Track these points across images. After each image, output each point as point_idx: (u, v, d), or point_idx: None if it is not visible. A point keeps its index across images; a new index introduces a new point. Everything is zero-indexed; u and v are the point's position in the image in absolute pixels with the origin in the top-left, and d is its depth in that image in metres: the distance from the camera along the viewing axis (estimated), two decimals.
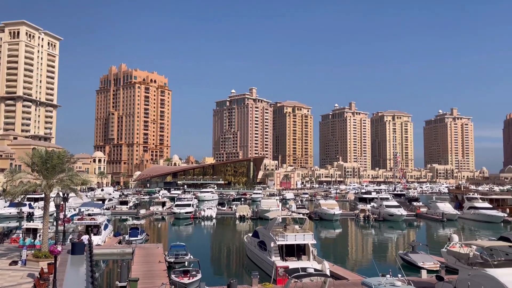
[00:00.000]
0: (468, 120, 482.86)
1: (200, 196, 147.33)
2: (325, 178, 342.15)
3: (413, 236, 68.89)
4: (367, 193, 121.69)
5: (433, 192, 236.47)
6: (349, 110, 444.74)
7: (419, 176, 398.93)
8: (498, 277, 24.36)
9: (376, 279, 25.34)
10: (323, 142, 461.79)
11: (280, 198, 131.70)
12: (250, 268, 38.48)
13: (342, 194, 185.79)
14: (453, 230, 69.37)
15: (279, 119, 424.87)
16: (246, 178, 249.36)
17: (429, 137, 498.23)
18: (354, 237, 70.24)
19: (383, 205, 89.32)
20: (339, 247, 58.57)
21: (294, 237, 36.07)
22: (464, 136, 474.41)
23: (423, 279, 32.85)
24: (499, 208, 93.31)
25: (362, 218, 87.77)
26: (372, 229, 76.95)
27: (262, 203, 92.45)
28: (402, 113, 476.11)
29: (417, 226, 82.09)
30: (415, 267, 38.41)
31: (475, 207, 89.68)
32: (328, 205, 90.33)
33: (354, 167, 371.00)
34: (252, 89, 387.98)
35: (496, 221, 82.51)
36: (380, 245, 59.73)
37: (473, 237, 62.80)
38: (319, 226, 78.13)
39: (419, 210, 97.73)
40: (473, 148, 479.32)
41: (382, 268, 33.61)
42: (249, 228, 72.42)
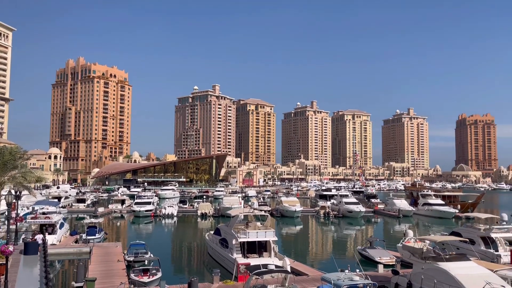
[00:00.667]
0: (423, 120, 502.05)
1: (161, 194, 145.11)
2: (287, 175, 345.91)
3: (371, 232, 70.94)
4: (327, 190, 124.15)
5: (390, 189, 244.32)
6: (311, 109, 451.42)
7: (377, 173, 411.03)
8: (450, 270, 25.52)
9: (335, 274, 25.91)
10: (285, 140, 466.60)
11: (242, 195, 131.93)
12: (211, 266, 38.34)
13: (303, 191, 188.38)
14: (408, 226, 72.01)
15: (242, 116, 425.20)
16: (208, 176, 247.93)
17: (387, 136, 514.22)
18: (315, 234, 71.47)
19: (342, 202, 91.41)
20: (300, 244, 59.40)
21: (256, 234, 36.24)
22: (420, 135, 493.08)
23: (380, 273, 33.90)
24: (451, 205, 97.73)
25: (323, 214, 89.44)
26: (332, 225, 78.55)
27: (224, 201, 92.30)
28: (361, 113, 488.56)
29: (375, 222, 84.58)
30: (373, 262, 39.55)
31: (429, 203, 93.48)
32: (290, 202, 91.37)
33: (315, 165, 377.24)
34: (215, 86, 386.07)
35: (448, 217, 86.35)
36: (340, 241, 61.10)
37: (427, 232, 65.46)
38: (280, 223, 78.90)
39: (377, 206, 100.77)
40: (427, 147, 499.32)
41: (341, 263, 34.37)
42: (211, 226, 72.11)
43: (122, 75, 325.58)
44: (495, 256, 38.97)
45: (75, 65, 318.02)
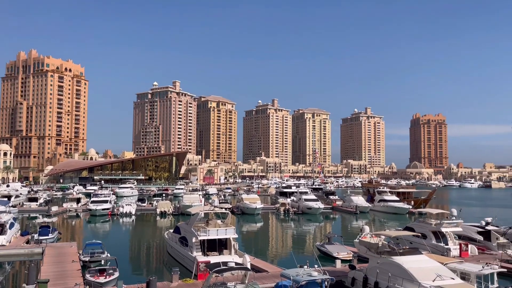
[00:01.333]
0: (380, 119, 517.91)
1: (119, 192, 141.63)
2: (248, 173, 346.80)
3: (329, 228, 72.48)
4: (287, 188, 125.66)
5: (348, 186, 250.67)
6: (272, 107, 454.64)
7: (336, 171, 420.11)
8: (403, 264, 26.55)
9: (294, 270, 26.27)
10: (247, 138, 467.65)
11: (203, 193, 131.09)
12: (170, 265, 37.84)
13: (264, 188, 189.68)
14: (365, 222, 74.13)
15: (203, 113, 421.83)
16: (168, 173, 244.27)
17: (346, 134, 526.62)
18: (275, 230, 72.12)
19: (302, 199, 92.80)
20: (260, 241, 59.76)
21: (216, 232, 36.11)
22: (376, 134, 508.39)
23: (338, 268, 34.72)
24: (405, 201, 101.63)
25: (283, 211, 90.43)
26: (291, 222, 79.56)
27: (185, 199, 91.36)
28: (321, 111, 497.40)
29: (333, 219, 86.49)
30: (331, 257, 40.45)
31: (385, 200, 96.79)
32: (250, 199, 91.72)
33: (276, 162, 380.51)
34: (176, 82, 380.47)
35: (402, 213, 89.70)
36: (299, 237, 62.01)
37: (382, 227, 67.70)
38: (241, 220, 79.06)
39: (335, 203, 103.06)
40: (384, 145, 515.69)
41: (300, 259, 34.92)
42: (171, 224, 71.16)
43: (78, 69, 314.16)
44: (445, 250, 40.92)
45: (26, 57, 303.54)
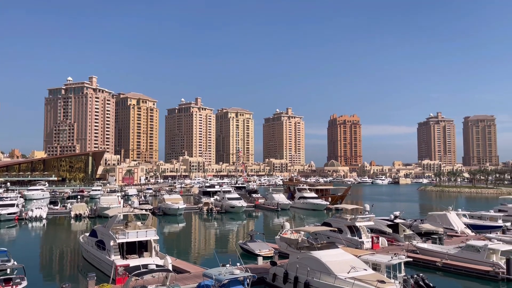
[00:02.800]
0: (300, 119, 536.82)
1: (27, 195, 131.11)
2: (170, 172, 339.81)
3: (252, 226, 73.56)
4: (211, 187, 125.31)
5: (270, 184, 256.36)
6: (195, 105, 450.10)
7: (259, 169, 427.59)
8: (321, 258, 27.76)
9: (216, 269, 26.26)
10: (169, 137, 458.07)
11: (122, 194, 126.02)
12: (86, 270, 35.79)
13: (187, 188, 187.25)
14: (286, 219, 76.37)
15: (122, 111, 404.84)
16: (83, 174, 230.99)
17: (268, 133, 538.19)
18: (198, 230, 71.52)
19: (225, 198, 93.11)
20: (183, 241, 58.90)
21: (136, 234, 34.91)
22: (297, 134, 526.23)
23: (260, 265, 35.35)
24: (323, 197, 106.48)
25: (206, 211, 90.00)
26: (214, 221, 79.47)
27: (102, 200, 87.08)
28: (244, 111, 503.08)
29: (256, 216, 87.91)
30: (253, 255, 41.03)
31: (304, 197, 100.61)
32: (172, 200, 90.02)
33: (199, 162, 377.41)
34: (92, 78, 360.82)
35: (320, 209, 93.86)
36: (222, 236, 62.11)
37: (302, 224, 70.16)
38: (163, 221, 77.27)
39: (258, 201, 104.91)
40: (303, 144, 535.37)
41: (223, 258, 34.95)
42: (86, 228, 67.39)
43: None
44: (359, 243, 43.54)
45: None
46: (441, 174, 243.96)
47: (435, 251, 39.55)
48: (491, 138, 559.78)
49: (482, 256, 35.38)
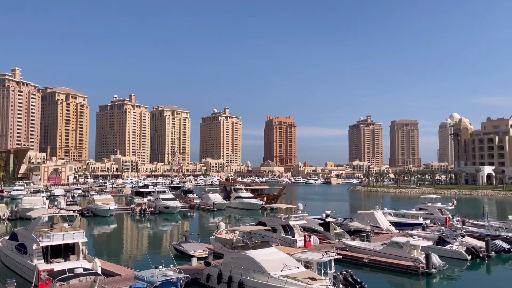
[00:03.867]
0: (237, 119, 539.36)
1: None
2: (101, 172, 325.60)
3: (187, 227, 72.62)
4: (144, 187, 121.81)
5: (206, 184, 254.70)
6: (129, 103, 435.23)
7: (195, 169, 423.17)
8: (255, 257, 28.04)
9: (149, 271, 25.57)
10: (100, 134, 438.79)
11: (47, 194, 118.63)
12: (5, 276, 33.18)
13: (119, 188, 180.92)
14: (221, 219, 76.28)
15: (49, 106, 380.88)
16: (4, 173, 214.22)
17: (205, 133, 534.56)
18: (130, 232, 69.21)
19: (159, 198, 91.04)
20: (113, 243, 56.68)
21: (62, 237, 32.99)
22: (234, 134, 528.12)
23: (194, 266, 34.95)
24: (259, 197, 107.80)
25: (139, 212, 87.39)
26: (148, 222, 77.42)
27: (24, 201, 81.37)
28: (181, 109, 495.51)
29: (191, 217, 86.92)
30: (187, 256, 40.49)
31: (240, 196, 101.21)
32: (103, 200, 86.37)
33: (132, 161, 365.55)
34: (16, 70, 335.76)
35: (256, 208, 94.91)
36: (155, 238, 60.64)
37: (237, 223, 70.42)
38: (92, 223, 73.84)
39: (193, 201, 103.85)
40: (240, 145, 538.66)
41: (155, 260, 34.14)
42: (6, 230, 62.60)
43: None
44: (292, 241, 44.59)
45: None
46: (369, 175, 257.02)
47: (363, 248, 41.54)
48: (414, 141, 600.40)
49: (404, 251, 37.74)
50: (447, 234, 46.11)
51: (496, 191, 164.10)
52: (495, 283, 35.42)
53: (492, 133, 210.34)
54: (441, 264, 36.51)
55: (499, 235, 50.74)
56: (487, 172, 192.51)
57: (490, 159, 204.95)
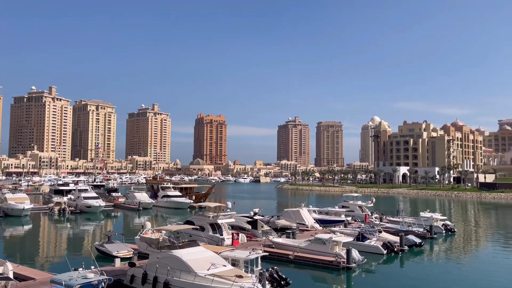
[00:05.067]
0: (167, 116, 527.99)
1: None
2: (15, 169, 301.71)
3: (110, 226, 69.67)
4: (64, 185, 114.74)
5: (132, 182, 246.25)
6: (48, 95, 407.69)
7: (120, 167, 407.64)
8: (182, 257, 27.65)
9: (67, 274, 24.15)
10: (15, 128, 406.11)
11: None
12: None
13: (36, 186, 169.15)
14: (147, 218, 74.27)
15: None
16: None
17: (132, 129, 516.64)
18: (47, 233, 64.79)
19: (81, 197, 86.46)
20: (28, 245, 52.71)
21: None
22: (163, 131, 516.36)
23: (117, 267, 33.63)
24: (187, 196, 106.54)
25: (57, 211, 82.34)
26: (67, 222, 73.18)
27: None
28: (106, 104, 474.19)
29: (115, 216, 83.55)
30: (110, 257, 38.87)
31: (168, 195, 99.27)
32: (17, 199, 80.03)
33: (51, 157, 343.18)
34: None
35: (184, 207, 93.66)
36: (76, 239, 57.45)
37: (164, 223, 69.03)
38: (4, 224, 68.17)
39: (118, 200, 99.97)
40: (169, 142, 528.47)
41: (75, 262, 32.34)
42: None
43: None
44: (220, 240, 44.62)
45: None
46: (296, 174, 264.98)
47: (288, 244, 42.71)
48: (339, 142, 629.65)
49: (327, 247, 39.41)
50: (366, 230, 48.90)
51: (410, 189, 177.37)
52: (407, 275, 38.23)
53: (408, 136, 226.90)
54: (360, 258, 38.64)
55: (411, 230, 54.87)
56: (403, 172, 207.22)
57: (406, 160, 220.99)
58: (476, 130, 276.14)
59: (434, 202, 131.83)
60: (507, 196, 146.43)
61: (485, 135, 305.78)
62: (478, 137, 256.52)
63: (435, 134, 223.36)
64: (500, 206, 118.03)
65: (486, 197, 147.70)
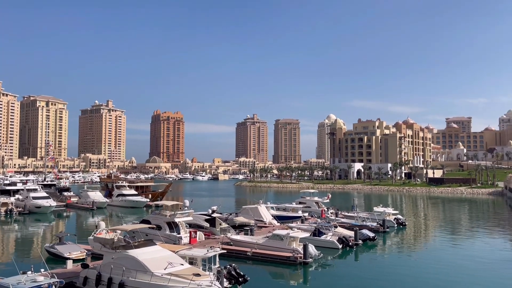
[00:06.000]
0: (122, 113, 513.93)
1: None
2: None
3: (62, 227, 67.13)
4: (11, 185, 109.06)
5: (85, 181, 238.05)
6: None
7: (73, 165, 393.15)
8: (137, 256, 27.11)
9: (15, 278, 23.08)
10: None
11: None
12: None
13: None
14: (101, 218, 72.13)
15: None
16: None
17: (85, 126, 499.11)
18: None
19: (29, 197, 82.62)
20: None
21: None
22: (118, 128, 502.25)
23: (69, 269, 32.50)
24: (143, 194, 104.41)
25: (4, 212, 78.27)
26: (15, 224, 69.75)
27: None
28: (57, 100, 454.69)
29: (67, 217, 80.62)
30: (62, 258, 37.51)
31: (123, 194, 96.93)
32: None
33: None
34: None
35: (140, 206, 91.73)
36: (24, 241, 54.85)
37: (120, 222, 67.25)
38: None
39: (70, 200, 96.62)
40: (125, 139, 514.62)
41: (24, 265, 30.95)
42: None
43: None
44: (177, 238, 44.09)
45: None
46: (254, 171, 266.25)
47: (246, 241, 42.90)
48: (296, 139, 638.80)
49: (284, 243, 39.93)
50: (322, 226, 50.02)
51: (364, 185, 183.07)
52: (361, 268, 39.48)
53: (362, 133, 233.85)
54: (317, 253, 39.47)
55: (365, 225, 56.66)
56: (357, 168, 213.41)
57: (360, 156, 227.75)
58: (426, 128, 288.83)
59: (387, 197, 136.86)
60: (453, 190, 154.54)
61: (433, 133, 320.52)
62: (427, 135, 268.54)
63: (387, 131, 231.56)
64: (446, 200, 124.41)
65: (434, 192, 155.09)
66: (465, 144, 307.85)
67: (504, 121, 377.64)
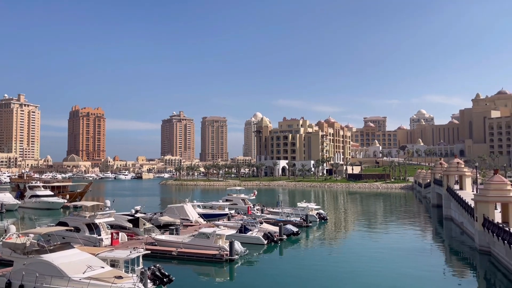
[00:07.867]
0: (35, 108, 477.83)
1: None
2: None
3: None
4: None
5: None
6: None
7: None
8: (52, 261, 25.42)
9: None
10: None
11: None
12: None
13: None
14: (11, 221, 66.70)
15: None
16: None
17: None
18: None
19: None
20: None
21: None
22: (31, 124, 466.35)
23: None
24: (60, 195, 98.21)
25: None
26: None
27: None
28: None
29: None
30: None
31: (37, 195, 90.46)
32: None
33: None
34: None
35: (56, 207, 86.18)
36: None
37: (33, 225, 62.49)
38: None
39: None
40: (39, 137, 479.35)
41: None
42: None
43: None
44: (98, 240, 42.06)
45: None
46: (181, 169, 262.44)
47: (172, 241, 42.13)
48: (223, 137, 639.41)
49: (211, 241, 39.83)
50: (248, 222, 50.69)
51: (289, 181, 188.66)
52: (285, 262, 40.65)
53: (287, 131, 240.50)
54: (243, 250, 39.87)
55: (290, 220, 58.41)
56: (282, 165, 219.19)
57: (285, 154, 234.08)
58: (346, 127, 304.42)
59: (310, 192, 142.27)
60: (370, 185, 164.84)
61: (352, 131, 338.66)
62: (347, 133, 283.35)
63: (311, 129, 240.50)
64: (364, 194, 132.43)
65: (353, 187, 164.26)
66: (381, 142, 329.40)
67: (415, 121, 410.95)
